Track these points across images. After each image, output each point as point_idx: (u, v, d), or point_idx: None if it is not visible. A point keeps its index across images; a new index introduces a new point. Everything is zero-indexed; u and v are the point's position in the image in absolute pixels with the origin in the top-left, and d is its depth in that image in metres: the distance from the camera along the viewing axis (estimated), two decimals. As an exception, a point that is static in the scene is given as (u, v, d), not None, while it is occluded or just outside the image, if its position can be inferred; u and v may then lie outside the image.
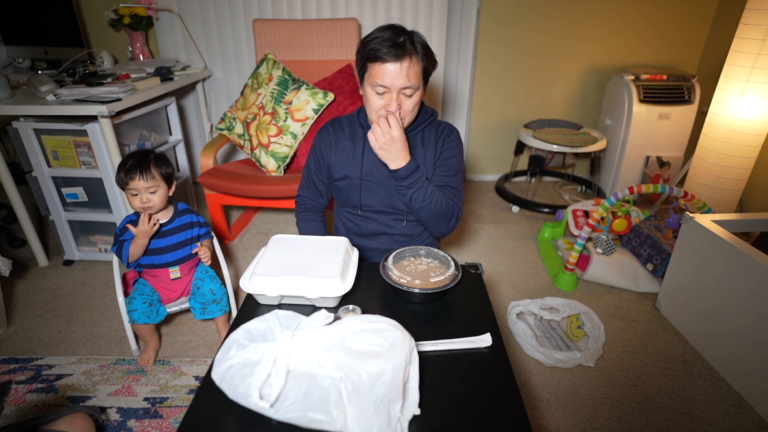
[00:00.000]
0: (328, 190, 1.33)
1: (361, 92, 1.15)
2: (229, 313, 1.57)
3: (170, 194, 1.43)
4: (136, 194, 1.35)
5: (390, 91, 1.07)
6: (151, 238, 1.39)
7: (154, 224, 1.36)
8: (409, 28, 1.09)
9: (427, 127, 1.23)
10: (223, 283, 1.55)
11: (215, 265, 1.61)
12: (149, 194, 1.35)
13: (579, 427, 1.27)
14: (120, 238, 1.40)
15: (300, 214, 1.36)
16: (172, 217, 1.44)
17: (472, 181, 3.03)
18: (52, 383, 1.42)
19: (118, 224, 1.91)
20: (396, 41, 1.04)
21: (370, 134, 1.08)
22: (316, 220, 1.35)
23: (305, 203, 1.35)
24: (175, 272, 1.47)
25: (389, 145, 1.07)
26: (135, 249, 1.37)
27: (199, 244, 1.48)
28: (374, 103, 1.11)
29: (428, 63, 1.10)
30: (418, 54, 1.06)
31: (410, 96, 1.09)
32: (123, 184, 1.35)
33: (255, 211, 2.59)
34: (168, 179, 1.40)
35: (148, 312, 1.41)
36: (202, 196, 2.67)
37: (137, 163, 1.34)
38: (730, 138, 1.88)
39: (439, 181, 1.20)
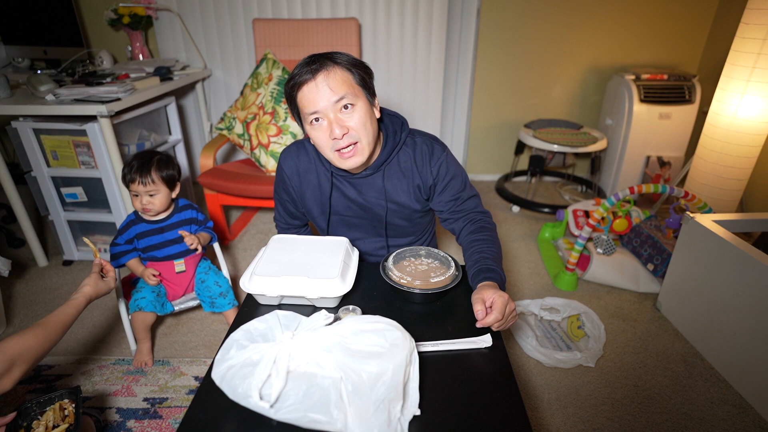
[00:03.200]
0: (305, 215, 1.22)
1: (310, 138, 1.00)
2: (238, 307, 1.57)
3: (173, 196, 1.44)
4: (137, 195, 1.38)
5: (325, 115, 0.92)
6: (150, 235, 1.42)
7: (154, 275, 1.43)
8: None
9: (402, 149, 1.06)
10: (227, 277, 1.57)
11: (215, 265, 1.61)
12: (149, 197, 1.38)
13: (579, 427, 1.27)
14: (116, 240, 1.43)
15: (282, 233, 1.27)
16: (171, 213, 1.45)
17: (473, 181, 3.02)
18: (52, 383, 1.41)
19: (117, 224, 1.92)
20: (309, 62, 0.92)
21: (494, 326, 0.83)
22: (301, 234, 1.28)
23: (284, 226, 1.26)
24: (180, 265, 1.48)
25: (509, 311, 0.84)
26: (130, 266, 1.44)
27: (180, 231, 1.45)
28: (318, 138, 0.95)
29: (358, 71, 0.94)
30: (337, 63, 0.92)
31: (350, 109, 0.93)
32: (126, 184, 1.39)
33: (255, 211, 2.58)
34: (170, 182, 1.41)
35: (156, 302, 1.42)
36: (202, 196, 2.67)
37: (139, 166, 1.36)
38: (730, 138, 1.88)
39: (458, 200, 1.09)
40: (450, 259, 0.98)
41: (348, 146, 0.95)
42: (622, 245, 2.01)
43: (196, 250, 1.47)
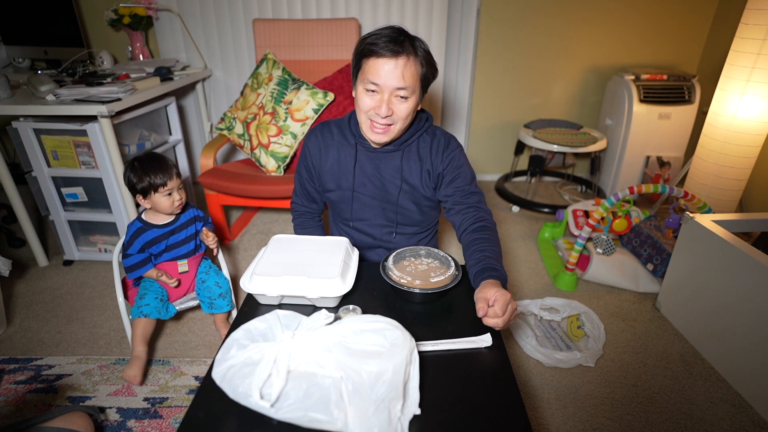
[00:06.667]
0: (322, 197, 1.27)
1: (353, 94, 1.07)
2: (230, 312, 1.57)
3: None
4: (170, 194, 1.35)
5: (381, 91, 1.00)
6: (161, 239, 1.41)
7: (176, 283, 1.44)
8: (409, 28, 1.04)
9: (423, 135, 1.14)
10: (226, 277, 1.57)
11: (215, 264, 1.61)
12: (179, 190, 1.38)
13: (579, 427, 1.27)
14: (128, 251, 1.39)
15: (296, 220, 1.32)
16: (177, 214, 1.45)
17: (472, 181, 3.03)
18: (52, 383, 1.41)
19: (118, 224, 1.92)
20: (395, 38, 0.98)
21: (495, 323, 0.83)
22: (312, 226, 1.31)
23: (299, 210, 1.31)
24: (183, 265, 1.48)
25: (510, 313, 0.84)
26: (149, 275, 1.42)
27: (204, 229, 1.47)
28: (363, 102, 1.02)
29: (428, 69, 1.02)
30: (417, 56, 0.99)
31: (404, 99, 1.01)
32: (156, 188, 1.33)
33: (255, 211, 2.59)
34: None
35: (160, 308, 1.41)
36: (202, 196, 2.66)
37: (159, 165, 1.34)
38: (730, 138, 1.88)
39: (463, 192, 1.13)
40: (450, 258, 0.98)
41: (383, 125, 1.04)
42: (622, 245, 2.01)
43: (211, 249, 1.49)
